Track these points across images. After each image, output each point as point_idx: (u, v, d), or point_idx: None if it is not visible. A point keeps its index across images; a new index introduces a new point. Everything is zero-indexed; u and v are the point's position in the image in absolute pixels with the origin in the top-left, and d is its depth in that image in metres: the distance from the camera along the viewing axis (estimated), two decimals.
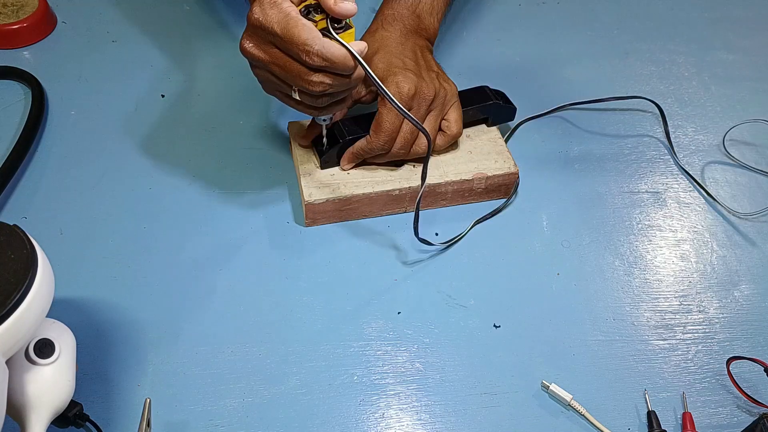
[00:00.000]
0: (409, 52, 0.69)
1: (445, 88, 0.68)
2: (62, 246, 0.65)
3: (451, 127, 0.68)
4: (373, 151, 0.66)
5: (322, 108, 0.59)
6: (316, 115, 0.61)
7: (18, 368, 0.46)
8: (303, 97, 0.57)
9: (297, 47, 0.52)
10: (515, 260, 0.67)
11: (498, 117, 0.74)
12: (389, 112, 0.64)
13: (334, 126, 0.68)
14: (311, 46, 0.52)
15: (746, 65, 0.90)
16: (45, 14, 0.84)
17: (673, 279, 0.67)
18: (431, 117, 0.67)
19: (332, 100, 0.58)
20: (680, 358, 0.61)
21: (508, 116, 0.75)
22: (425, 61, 0.70)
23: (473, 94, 0.72)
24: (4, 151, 0.71)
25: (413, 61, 0.68)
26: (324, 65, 0.53)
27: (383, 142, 0.65)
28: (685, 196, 0.75)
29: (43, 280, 0.44)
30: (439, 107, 0.67)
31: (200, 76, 0.82)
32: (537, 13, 0.95)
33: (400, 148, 0.66)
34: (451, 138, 0.69)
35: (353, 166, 0.69)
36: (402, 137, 0.66)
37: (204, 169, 0.72)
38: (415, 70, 0.66)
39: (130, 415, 0.55)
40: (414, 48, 0.70)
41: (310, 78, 0.54)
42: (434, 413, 0.57)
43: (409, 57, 0.68)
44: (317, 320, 0.62)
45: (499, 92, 0.74)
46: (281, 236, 0.68)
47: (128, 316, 0.61)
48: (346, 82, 0.56)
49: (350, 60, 0.54)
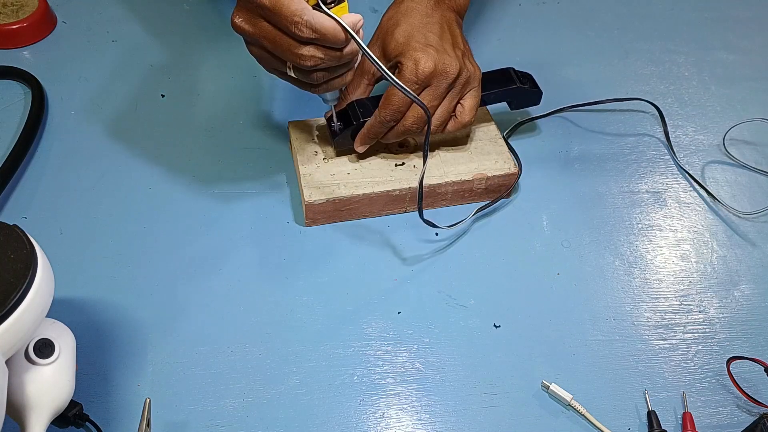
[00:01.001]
0: (435, 26, 0.66)
1: (469, 69, 0.65)
2: (62, 246, 0.65)
3: (464, 114, 0.66)
4: (381, 127, 0.65)
5: (319, 85, 0.58)
6: (315, 92, 0.60)
7: (18, 368, 0.46)
8: (297, 73, 0.56)
9: (285, 18, 0.51)
10: (515, 260, 0.67)
11: (521, 101, 0.72)
12: None
13: (349, 108, 0.67)
14: (300, 17, 0.51)
15: (746, 65, 0.90)
16: (45, 14, 0.84)
17: (673, 279, 0.67)
18: (450, 96, 0.65)
19: (329, 77, 0.57)
20: (680, 358, 0.61)
21: (533, 101, 0.73)
22: (452, 37, 0.66)
23: (498, 75, 0.71)
24: (4, 151, 0.71)
25: (437, 35, 0.65)
26: (314, 37, 0.52)
27: (388, 117, 0.63)
28: (685, 195, 0.75)
29: (43, 280, 0.44)
30: (459, 87, 0.65)
31: (200, 76, 0.82)
32: (537, 13, 0.95)
33: (413, 124, 0.64)
34: (461, 125, 0.67)
35: (368, 147, 0.67)
36: (413, 113, 0.64)
37: (204, 168, 0.72)
38: (437, 46, 0.64)
39: (130, 415, 0.55)
40: (441, 21, 0.67)
41: (300, 52, 0.53)
42: (434, 413, 0.57)
43: (434, 31, 0.65)
44: (317, 320, 0.62)
45: (525, 75, 0.72)
46: (281, 236, 0.67)
47: (128, 316, 0.61)
48: (337, 56, 0.55)
49: (341, 33, 0.52)
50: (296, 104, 0.79)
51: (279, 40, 0.53)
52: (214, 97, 0.80)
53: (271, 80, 0.80)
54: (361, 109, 0.66)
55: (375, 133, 0.66)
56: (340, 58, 0.55)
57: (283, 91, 0.80)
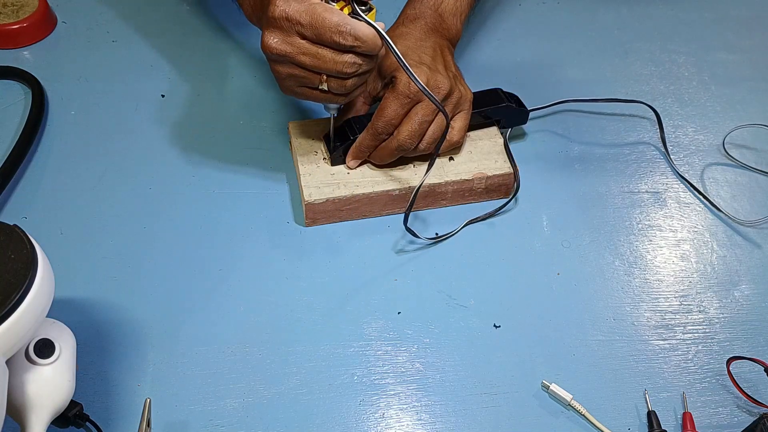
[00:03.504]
0: (429, 49, 0.68)
1: (461, 91, 0.67)
2: (62, 246, 0.65)
3: (453, 134, 0.67)
4: (373, 140, 0.66)
5: (350, 93, 0.60)
6: (342, 102, 0.62)
7: (18, 368, 0.46)
8: (332, 84, 0.58)
9: (329, 30, 0.54)
10: (515, 260, 0.67)
11: (510, 120, 0.74)
12: (395, 99, 0.64)
13: (346, 124, 0.68)
14: (344, 27, 0.54)
15: (746, 65, 0.90)
16: (45, 14, 0.84)
17: (673, 279, 0.67)
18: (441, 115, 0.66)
19: (357, 84, 0.60)
20: (680, 358, 0.61)
21: (521, 119, 0.75)
22: (443, 60, 0.69)
23: (486, 95, 0.72)
24: (4, 151, 0.71)
25: (431, 57, 0.67)
26: (355, 45, 0.55)
27: (381, 128, 0.64)
28: (685, 196, 0.75)
29: (43, 280, 0.44)
30: (451, 107, 0.66)
31: (200, 76, 0.82)
32: (537, 13, 0.94)
33: (406, 138, 0.65)
34: (450, 145, 0.68)
35: (359, 163, 0.68)
36: (407, 126, 0.64)
37: (204, 168, 0.72)
38: (430, 65, 0.66)
39: (130, 415, 0.55)
40: (434, 46, 0.69)
41: (342, 59, 0.56)
42: (434, 413, 0.57)
43: (428, 53, 0.68)
44: (317, 320, 0.62)
45: (512, 95, 0.74)
46: (281, 236, 0.68)
47: (128, 316, 0.61)
48: (373, 61, 0.58)
49: (378, 38, 0.56)
50: (296, 104, 0.79)
51: (320, 54, 0.56)
52: (214, 97, 0.80)
53: (271, 80, 0.80)
54: (357, 126, 0.68)
55: (367, 146, 0.67)
56: (374, 63, 0.59)
57: None
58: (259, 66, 0.83)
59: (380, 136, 0.65)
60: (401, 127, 0.65)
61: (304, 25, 0.54)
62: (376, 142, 0.66)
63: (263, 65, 0.82)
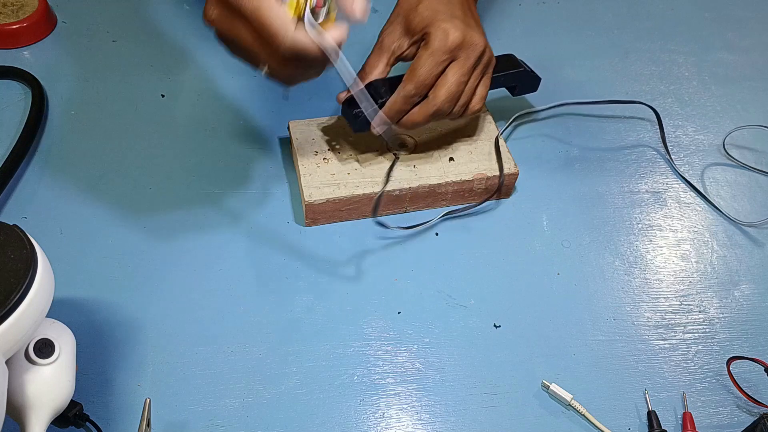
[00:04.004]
0: (458, 5, 0.64)
1: (491, 50, 0.64)
2: (62, 246, 0.65)
3: (475, 103, 0.65)
4: (404, 104, 0.62)
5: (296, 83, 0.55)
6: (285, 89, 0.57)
7: (18, 368, 0.46)
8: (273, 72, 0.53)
9: (266, 34, 0.49)
10: (515, 260, 0.67)
11: (524, 86, 0.73)
12: (430, 56, 0.60)
13: (369, 87, 0.63)
14: (282, 38, 0.49)
15: (746, 65, 0.90)
16: (45, 14, 0.84)
17: (673, 279, 0.67)
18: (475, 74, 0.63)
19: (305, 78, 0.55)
20: (680, 358, 0.61)
21: (533, 86, 0.74)
22: (473, 16, 0.65)
23: (502, 60, 0.71)
24: (4, 151, 0.71)
25: (461, 11, 0.64)
26: (293, 57, 0.50)
27: (413, 91, 0.61)
28: (685, 195, 0.75)
29: (43, 280, 0.44)
30: (482, 67, 0.63)
31: (200, 76, 0.82)
32: (537, 13, 0.95)
33: (446, 100, 0.61)
34: (471, 113, 0.65)
35: (387, 128, 0.63)
36: (447, 87, 0.61)
37: (204, 168, 0.72)
38: (464, 20, 0.62)
39: (130, 415, 0.55)
40: (462, 2, 0.65)
41: (277, 63, 0.51)
42: (434, 413, 0.57)
43: (458, 8, 0.64)
44: (317, 320, 0.62)
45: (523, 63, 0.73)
46: (281, 236, 0.67)
47: (128, 316, 0.61)
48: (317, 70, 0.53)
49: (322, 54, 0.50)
50: (296, 104, 0.79)
51: (257, 47, 0.51)
52: (214, 97, 0.80)
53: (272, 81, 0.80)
54: (378, 90, 0.63)
55: (397, 111, 0.62)
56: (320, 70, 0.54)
57: None
58: None
59: (413, 98, 0.61)
60: (438, 90, 0.61)
61: (247, 16, 0.49)
62: (407, 106, 0.62)
63: None
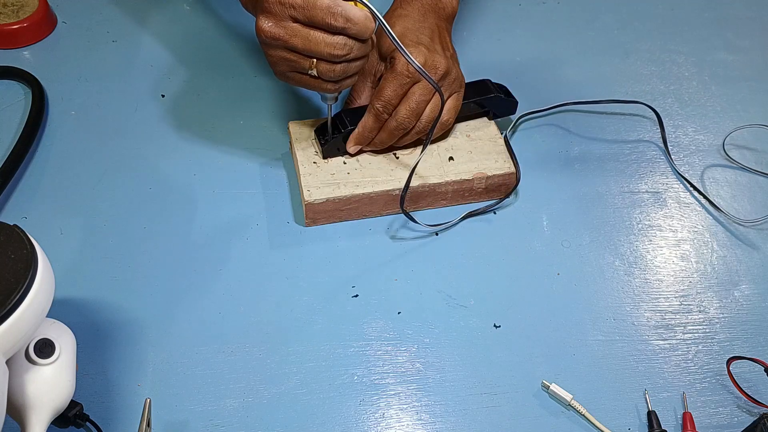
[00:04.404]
0: (427, 30, 0.70)
1: (457, 72, 0.68)
2: (62, 246, 0.65)
3: (444, 113, 0.68)
4: (375, 122, 0.67)
5: (339, 80, 0.61)
6: (328, 90, 0.62)
7: (18, 368, 0.46)
8: (321, 69, 0.59)
9: (321, 11, 0.55)
10: (515, 260, 0.67)
11: (499, 110, 0.74)
12: (394, 78, 0.65)
13: (337, 118, 0.69)
14: (335, 8, 0.55)
15: (746, 65, 0.90)
16: (45, 14, 0.84)
17: (673, 279, 0.67)
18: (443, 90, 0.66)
19: (348, 71, 0.60)
20: (680, 358, 0.61)
21: (510, 110, 0.76)
22: (441, 41, 0.70)
23: (475, 86, 0.73)
24: (4, 151, 0.71)
25: (429, 37, 0.68)
26: (347, 26, 0.56)
27: (381, 108, 0.65)
28: (685, 196, 0.75)
29: (43, 280, 0.44)
30: (447, 87, 0.67)
31: (200, 76, 0.82)
32: (537, 13, 0.94)
33: (405, 116, 0.66)
34: (441, 125, 0.68)
35: (360, 149, 0.69)
36: (405, 106, 0.66)
37: (204, 168, 0.72)
38: (429, 45, 0.67)
39: (130, 415, 0.55)
40: (432, 27, 0.70)
41: (333, 41, 0.57)
42: (434, 413, 0.57)
43: (426, 34, 0.69)
44: (317, 320, 0.62)
45: (501, 86, 0.75)
46: (281, 236, 0.68)
47: (128, 316, 0.61)
48: (364, 46, 0.59)
49: (371, 19, 0.57)
50: (296, 104, 0.79)
51: (312, 36, 0.57)
52: (213, 96, 0.80)
53: (271, 80, 0.80)
54: (348, 119, 0.69)
55: (370, 129, 0.67)
56: (365, 49, 0.59)
57: (283, 92, 0.80)
58: (260, 66, 0.83)
59: (381, 116, 0.66)
60: (399, 107, 0.66)
61: (296, 7, 0.56)
62: (378, 124, 0.67)
63: (264, 65, 0.82)
